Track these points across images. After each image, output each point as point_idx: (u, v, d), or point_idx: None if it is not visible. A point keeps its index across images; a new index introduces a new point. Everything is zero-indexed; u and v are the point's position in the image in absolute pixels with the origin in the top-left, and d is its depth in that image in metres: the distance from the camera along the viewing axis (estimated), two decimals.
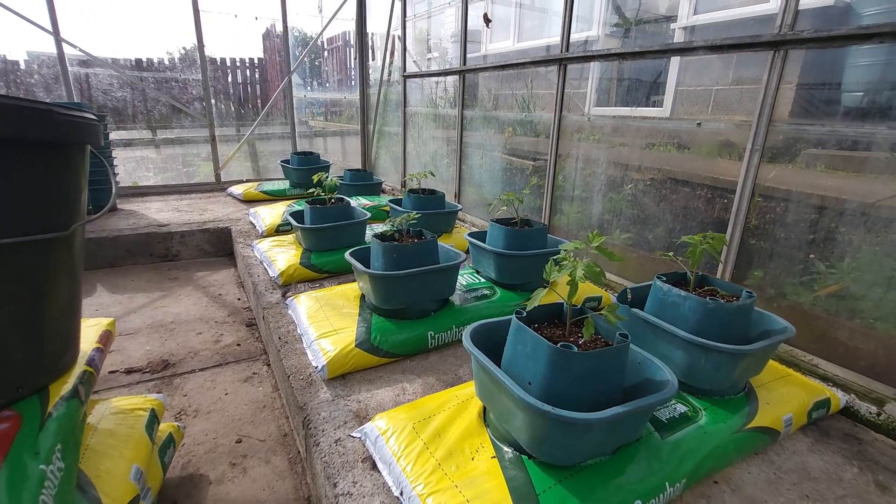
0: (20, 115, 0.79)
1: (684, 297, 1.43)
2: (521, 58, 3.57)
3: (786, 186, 1.80)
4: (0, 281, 0.84)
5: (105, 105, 4.33)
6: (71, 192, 0.96)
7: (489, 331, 1.33)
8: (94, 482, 1.05)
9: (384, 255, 1.87)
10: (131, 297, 2.83)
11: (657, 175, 2.39)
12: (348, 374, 1.69)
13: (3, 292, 0.85)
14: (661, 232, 2.35)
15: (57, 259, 0.95)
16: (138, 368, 2.10)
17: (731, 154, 2.09)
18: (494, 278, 2.21)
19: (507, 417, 1.12)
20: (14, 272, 0.86)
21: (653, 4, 3.05)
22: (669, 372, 1.15)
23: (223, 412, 1.84)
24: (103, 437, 1.19)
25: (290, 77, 4.97)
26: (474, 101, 3.72)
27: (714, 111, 2.33)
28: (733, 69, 2.21)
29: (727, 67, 2.25)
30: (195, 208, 4.05)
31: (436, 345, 1.86)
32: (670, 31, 2.85)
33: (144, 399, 1.41)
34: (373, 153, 5.55)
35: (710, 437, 1.24)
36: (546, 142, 3.00)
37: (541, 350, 1.09)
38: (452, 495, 1.02)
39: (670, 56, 2.10)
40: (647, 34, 2.94)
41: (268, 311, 2.20)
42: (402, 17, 4.42)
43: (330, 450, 1.32)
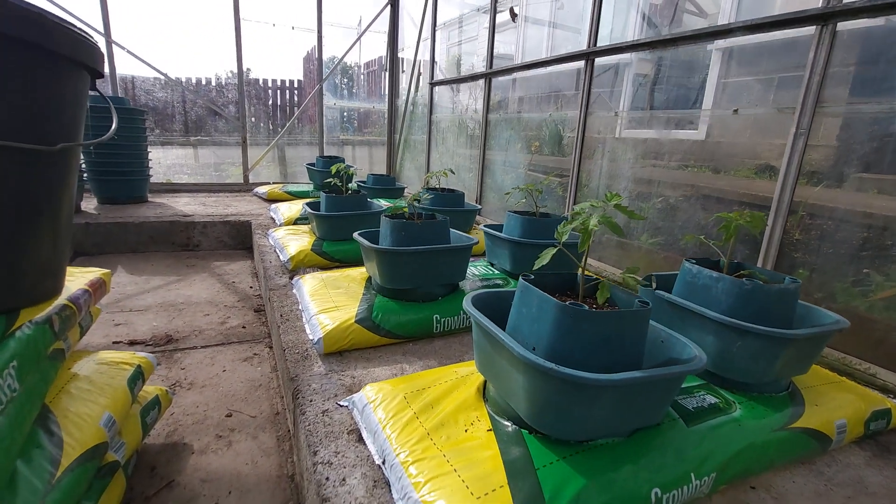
0: (7, 10, 0.77)
1: (717, 279, 1.28)
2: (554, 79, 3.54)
3: None
4: None
5: (146, 104, 4.54)
6: (62, 109, 0.94)
7: (493, 300, 1.22)
8: (61, 422, 0.98)
9: (393, 233, 1.79)
10: (147, 279, 2.85)
11: (690, 192, 2.26)
12: (346, 352, 1.59)
13: None
14: (691, 244, 2.19)
15: (40, 177, 0.92)
16: (142, 341, 2.07)
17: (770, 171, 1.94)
18: (509, 269, 2.09)
19: (507, 385, 0.99)
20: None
21: (689, 26, 2.97)
22: (697, 349, 1.01)
23: (217, 387, 1.77)
24: (80, 383, 1.13)
25: (321, 85, 5.11)
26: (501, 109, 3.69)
27: (753, 134, 2.21)
28: (774, 92, 2.09)
29: (766, 91, 2.13)
30: (220, 204, 4.12)
31: (441, 330, 1.74)
32: (706, 51, 2.76)
33: (132, 355, 1.36)
34: (397, 162, 5.58)
35: (745, 432, 1.07)
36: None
37: (547, 310, 0.97)
38: (438, 464, 0.90)
39: (707, 41, 1.99)
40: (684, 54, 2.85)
41: (274, 292, 2.15)
42: (432, 27, 4.49)
43: (315, 419, 1.22)
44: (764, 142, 2.06)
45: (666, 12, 3.04)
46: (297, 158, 5.52)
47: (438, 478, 0.87)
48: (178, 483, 1.28)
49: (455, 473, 0.88)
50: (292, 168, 5.63)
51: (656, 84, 2.86)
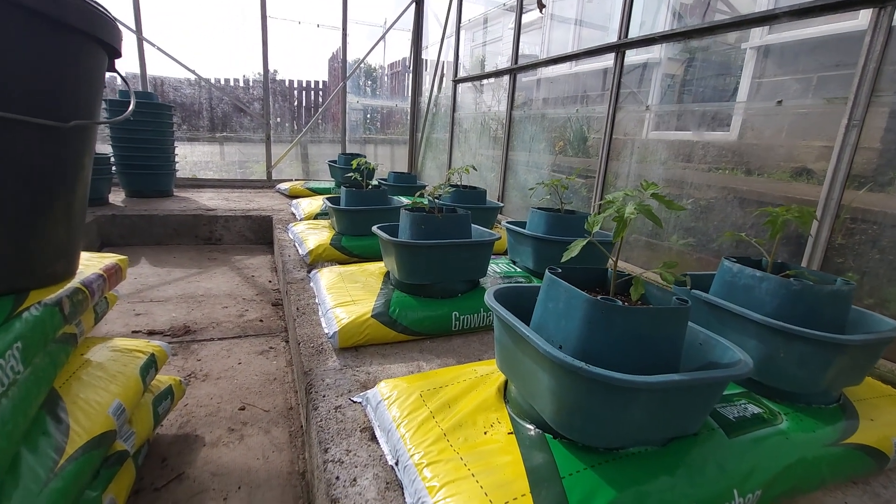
0: None
1: (760, 278, 1.18)
2: (581, 80, 3.44)
3: None
4: None
5: (174, 101, 4.62)
6: (76, 86, 0.91)
7: (517, 295, 1.15)
8: (69, 408, 0.96)
9: (412, 226, 1.74)
10: (169, 271, 2.87)
11: (722, 193, 2.14)
12: (361, 347, 1.54)
13: None
14: (727, 244, 2.07)
15: (52, 153, 0.90)
16: (160, 331, 2.07)
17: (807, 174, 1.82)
18: (532, 267, 2.01)
19: (531, 385, 0.92)
20: (3, 153, 0.80)
21: None
22: (741, 352, 0.92)
23: (232, 380, 1.75)
24: (92, 370, 1.11)
25: (344, 83, 5.12)
26: (525, 107, 3.61)
27: (790, 136, 2.08)
28: (812, 91, 1.96)
29: (805, 91, 2.00)
30: (243, 199, 4.16)
31: (460, 327, 1.68)
32: (739, 50, 2.63)
33: (146, 343, 1.34)
34: (419, 161, 5.55)
35: (794, 446, 0.97)
36: (596, 162, 2.81)
37: (576, 305, 0.89)
38: (455, 467, 0.83)
39: (746, 27, 1.87)
40: (715, 55, 2.72)
41: (291, 285, 2.12)
42: (457, 24, 4.44)
43: (328, 415, 1.17)
44: (801, 144, 1.94)
45: (697, 11, 2.91)
46: (319, 156, 5.55)
47: (455, 482, 0.81)
48: (187, 475, 1.25)
49: (473, 478, 0.81)
50: (314, 166, 5.66)
51: (685, 86, 2.74)
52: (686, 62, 2.93)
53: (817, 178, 1.93)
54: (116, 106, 3.67)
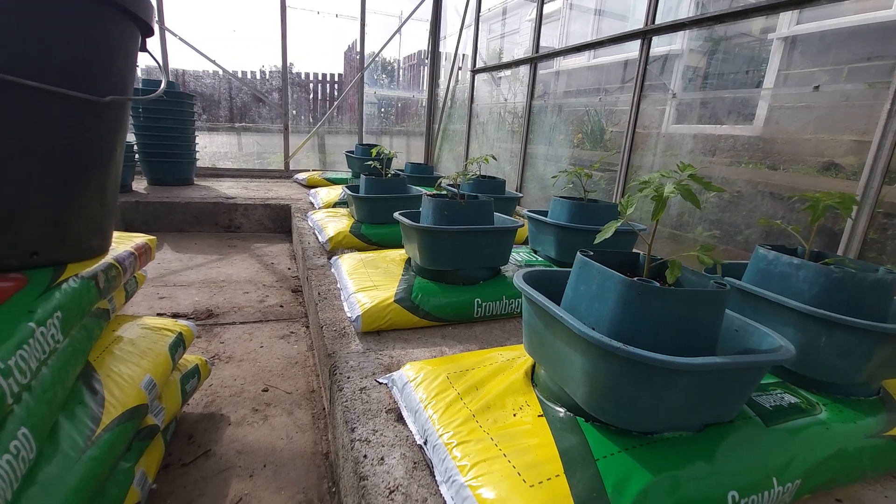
0: None
1: (798, 266, 1.14)
2: (598, 72, 3.38)
3: None
4: (22, 133, 0.79)
5: (195, 90, 4.67)
6: (112, 62, 0.92)
7: (547, 279, 1.13)
8: (103, 381, 0.97)
9: (434, 212, 1.73)
10: (191, 257, 2.91)
11: (746, 187, 2.09)
12: (384, 332, 1.54)
13: (28, 145, 0.80)
14: (755, 235, 2.01)
15: (89, 129, 0.91)
16: (184, 314, 2.10)
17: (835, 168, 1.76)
18: (554, 256, 1.99)
19: (561, 367, 0.91)
20: (39, 126, 0.81)
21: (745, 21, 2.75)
22: (781, 338, 0.89)
23: (255, 362, 1.76)
24: (124, 345, 1.13)
25: (362, 73, 5.11)
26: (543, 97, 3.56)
27: (817, 129, 2.02)
28: (842, 84, 1.90)
29: (834, 82, 1.93)
30: (262, 188, 4.20)
31: (482, 315, 1.67)
32: (767, 41, 2.55)
33: (175, 322, 1.36)
34: (435, 152, 5.53)
35: (834, 437, 0.94)
36: (617, 156, 2.77)
37: (610, 286, 0.87)
38: (486, 447, 0.83)
39: (782, 10, 1.81)
40: (739, 46, 2.65)
41: (312, 272, 2.13)
42: (476, 13, 4.39)
43: (353, 396, 1.17)
44: (829, 138, 1.88)
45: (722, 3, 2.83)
46: (335, 147, 5.57)
47: (486, 462, 0.80)
48: (214, 452, 1.27)
49: (504, 458, 0.80)
50: (331, 157, 5.68)
51: (707, 78, 2.68)
52: (709, 53, 2.85)
53: (845, 173, 1.86)
54: (142, 93, 3.71)
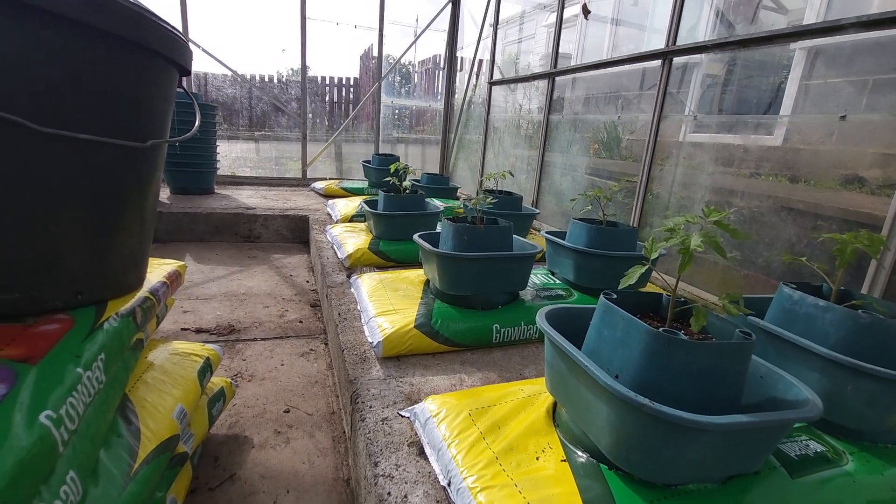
0: (108, 5, 0.78)
1: (824, 308, 1.13)
2: (616, 79, 3.37)
3: None
4: (72, 179, 0.83)
5: (216, 100, 4.77)
6: (153, 107, 0.96)
7: (568, 316, 1.14)
8: (138, 412, 1.01)
9: (454, 237, 1.75)
10: (213, 269, 2.97)
11: (766, 203, 2.06)
12: (403, 357, 1.56)
13: (74, 191, 0.84)
14: (777, 255, 1.99)
15: (131, 172, 0.94)
16: (207, 329, 2.15)
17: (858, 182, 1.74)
18: (572, 280, 1.99)
19: (585, 413, 0.92)
20: (86, 173, 0.84)
21: (766, 27, 2.73)
22: (808, 390, 0.88)
23: (276, 381, 1.80)
24: (156, 373, 1.17)
25: (379, 83, 5.16)
26: (560, 112, 3.56)
27: (840, 142, 1.99)
28: (867, 96, 1.87)
29: (859, 94, 1.91)
30: (280, 198, 4.26)
31: (500, 340, 1.68)
32: (788, 51, 2.52)
33: (202, 347, 1.39)
34: (451, 162, 5.55)
35: (861, 489, 0.93)
36: (634, 165, 2.76)
37: (636, 335, 0.88)
38: (510, 494, 0.84)
39: (808, 38, 1.79)
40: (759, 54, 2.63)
41: (332, 289, 2.17)
42: (494, 25, 4.41)
43: (375, 427, 1.19)
44: (854, 149, 1.84)
45: (742, 9, 2.80)
46: (352, 155, 5.63)
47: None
48: (239, 477, 1.30)
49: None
50: (347, 164, 5.74)
51: (727, 86, 2.66)
52: (728, 63, 2.82)
53: (870, 186, 1.83)
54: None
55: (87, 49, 0.79)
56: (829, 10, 2.46)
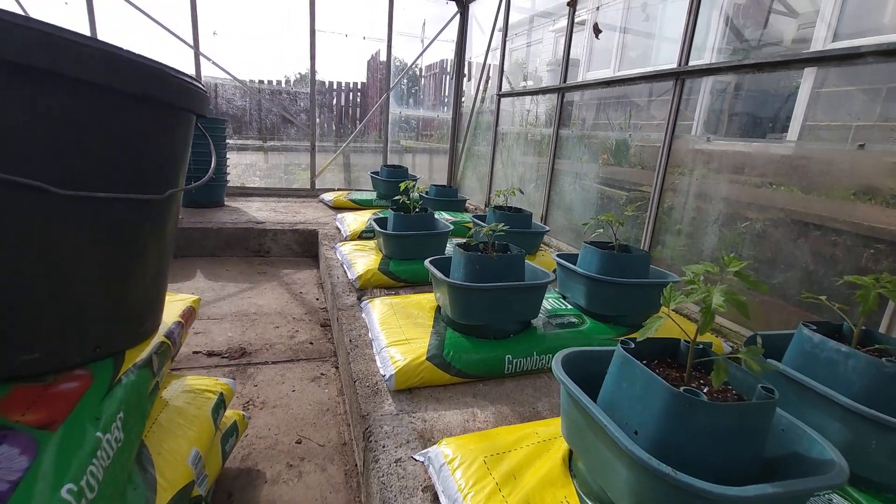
0: (130, 68, 0.79)
1: (846, 354, 1.11)
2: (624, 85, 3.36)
3: None
4: (91, 235, 0.83)
5: (227, 112, 4.81)
6: (171, 157, 0.96)
7: (585, 360, 1.13)
8: (154, 460, 1.01)
9: (466, 266, 1.74)
10: (223, 286, 2.99)
11: (779, 215, 2.04)
12: (416, 389, 1.56)
13: (94, 247, 0.84)
14: (793, 277, 1.96)
15: (149, 222, 0.95)
16: (218, 352, 2.16)
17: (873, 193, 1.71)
18: (584, 306, 1.97)
19: (604, 471, 0.90)
20: (106, 228, 0.85)
21: (776, 31, 2.71)
22: (833, 450, 0.86)
23: (287, 409, 1.80)
24: (172, 415, 1.17)
25: (388, 94, 5.17)
26: (568, 123, 3.54)
27: (854, 149, 1.96)
28: (881, 104, 1.84)
29: (872, 103, 1.88)
30: (289, 210, 4.28)
31: (513, 371, 1.67)
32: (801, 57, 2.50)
33: (215, 382, 1.40)
34: (459, 171, 5.55)
35: None
36: (643, 173, 2.74)
37: (656, 393, 0.87)
38: None
39: (826, 64, 1.76)
40: None
41: (342, 312, 2.17)
42: (503, 38, 4.40)
43: (389, 470, 1.19)
44: (868, 158, 1.81)
45: (752, 12, 2.77)
46: (360, 164, 5.65)
47: None
48: None
49: None
50: (356, 173, 5.76)
51: (738, 90, 2.64)
52: None
53: (884, 197, 1.80)
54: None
55: (110, 110, 0.80)
56: (840, 19, 2.43)
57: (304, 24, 4.65)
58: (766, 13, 2.62)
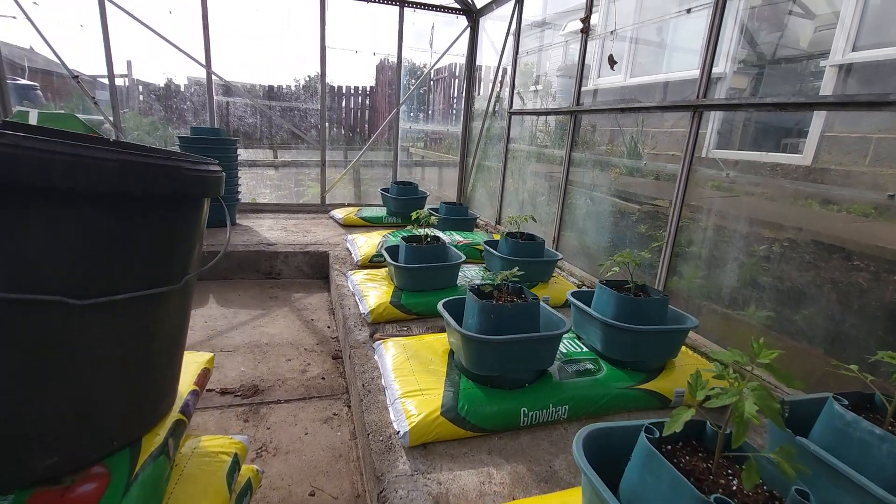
0: (147, 172, 0.77)
1: (880, 437, 1.07)
2: (636, 93, 3.31)
3: None
4: (108, 334, 0.82)
5: (238, 129, 4.83)
6: (187, 245, 0.95)
7: (606, 438, 1.10)
8: None
9: (480, 314, 1.71)
10: (235, 313, 3.00)
11: (797, 235, 1.98)
12: (430, 445, 1.54)
13: (110, 345, 0.83)
14: (814, 314, 1.91)
15: (167, 309, 0.94)
16: (231, 390, 2.16)
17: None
18: (600, 350, 1.94)
19: None
20: (122, 325, 0.84)
21: (792, 34, 2.64)
22: None
23: (300, 454, 1.79)
24: (187, 485, 1.16)
25: (398, 108, 5.16)
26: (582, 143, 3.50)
27: (874, 163, 1.90)
28: None
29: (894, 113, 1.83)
30: (300, 229, 4.29)
31: (528, 423, 1.64)
32: (818, 68, 2.44)
33: (229, 441, 1.38)
34: (469, 186, 5.52)
35: None
36: (656, 184, 2.70)
37: (683, 497, 0.84)
38: None
39: (853, 109, 1.71)
40: (787, 73, 2.56)
41: (355, 350, 2.16)
42: (514, 55, 4.37)
43: None
44: (889, 172, 1.75)
45: (768, 14, 2.71)
46: (370, 179, 5.65)
47: None
48: None
49: None
50: (365, 187, 5.77)
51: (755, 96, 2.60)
52: (754, 77, 2.74)
53: None
54: (188, 142, 3.87)
55: (126, 215, 0.79)
56: (861, 27, 2.37)
57: (314, 37, 4.64)
58: (783, 16, 2.56)
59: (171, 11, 4.22)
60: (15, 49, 4.16)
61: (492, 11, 4.84)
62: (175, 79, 4.62)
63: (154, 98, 4.64)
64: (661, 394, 1.80)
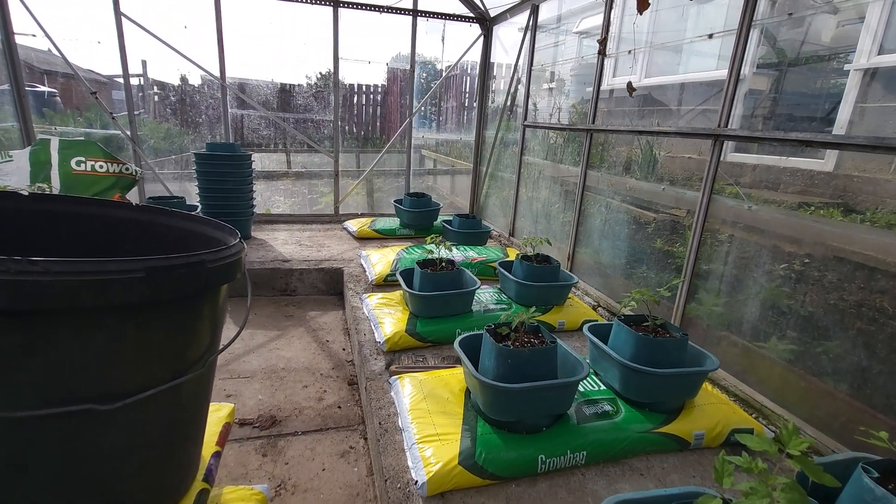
0: (173, 275, 0.78)
1: None
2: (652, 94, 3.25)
3: None
4: (137, 430, 0.83)
5: (252, 141, 4.86)
6: (210, 330, 0.96)
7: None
8: None
9: (497, 359, 1.71)
10: (252, 334, 3.03)
11: (819, 251, 1.92)
12: (448, 493, 1.54)
13: (138, 439, 0.84)
14: (838, 348, 1.85)
15: (189, 393, 0.95)
16: (250, 421, 2.19)
17: None
18: (618, 389, 1.92)
19: None
20: (150, 418, 0.85)
21: (814, 31, 2.56)
22: None
23: (318, 493, 1.81)
24: None
25: (410, 118, 5.14)
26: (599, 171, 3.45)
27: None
28: None
29: None
30: (314, 243, 4.31)
31: (546, 470, 1.63)
32: (842, 70, 2.36)
33: (251, 493, 1.40)
34: (482, 194, 5.49)
35: None
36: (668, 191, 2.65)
37: None
38: None
39: (886, 153, 1.65)
40: (810, 74, 2.49)
41: (371, 381, 2.17)
42: (529, 66, 4.31)
43: None
44: None
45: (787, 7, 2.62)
46: (383, 189, 5.66)
47: None
48: None
49: None
50: (378, 195, 5.79)
51: (775, 103, 2.53)
52: (774, 79, 2.66)
53: None
54: (203, 159, 3.91)
55: (151, 318, 0.79)
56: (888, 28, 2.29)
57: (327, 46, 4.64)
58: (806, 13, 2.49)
59: (186, 26, 4.26)
60: (31, 52, 4.19)
61: (506, 20, 4.78)
62: (189, 77, 4.61)
63: (170, 111, 4.68)
64: (681, 437, 1.78)
